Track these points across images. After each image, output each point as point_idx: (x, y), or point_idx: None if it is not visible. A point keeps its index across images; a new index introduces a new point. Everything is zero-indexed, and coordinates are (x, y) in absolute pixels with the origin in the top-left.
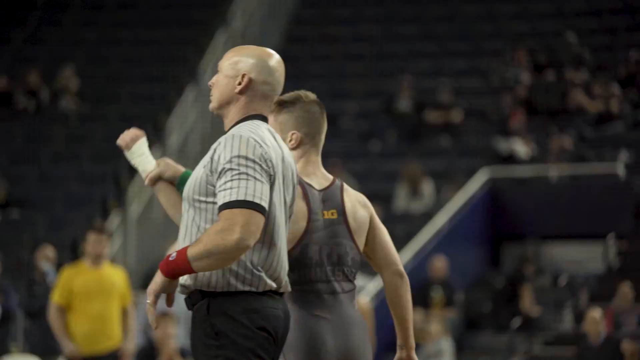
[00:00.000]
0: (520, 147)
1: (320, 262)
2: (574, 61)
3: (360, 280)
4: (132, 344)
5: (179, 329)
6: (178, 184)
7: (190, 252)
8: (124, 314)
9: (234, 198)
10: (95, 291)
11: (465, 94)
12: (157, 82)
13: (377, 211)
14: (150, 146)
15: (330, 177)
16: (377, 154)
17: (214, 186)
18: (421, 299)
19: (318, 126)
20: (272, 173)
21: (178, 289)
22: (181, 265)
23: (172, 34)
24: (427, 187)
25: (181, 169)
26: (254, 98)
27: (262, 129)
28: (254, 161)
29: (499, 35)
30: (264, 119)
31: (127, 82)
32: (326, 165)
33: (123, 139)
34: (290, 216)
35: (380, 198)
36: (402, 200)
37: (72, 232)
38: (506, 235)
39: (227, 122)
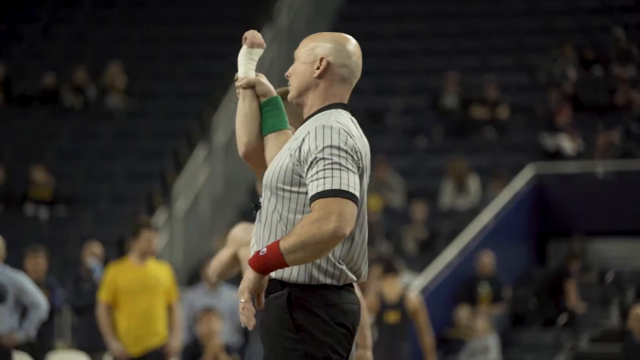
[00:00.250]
0: (567, 143)
1: None
2: (622, 57)
3: (406, 276)
4: (178, 340)
5: (224, 326)
6: (265, 102)
7: (284, 245)
8: (170, 310)
9: (327, 187)
10: (141, 288)
11: (511, 90)
12: (203, 78)
13: (422, 207)
14: (196, 142)
15: None
16: (423, 151)
17: (301, 176)
18: (468, 295)
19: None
20: (360, 165)
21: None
22: (273, 260)
23: (218, 30)
24: (473, 184)
25: (273, 91)
26: (332, 82)
27: (347, 119)
28: (345, 151)
29: (545, 31)
30: (346, 107)
31: (173, 79)
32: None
33: (253, 35)
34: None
35: (426, 194)
36: (448, 196)
37: (119, 228)
38: (552, 232)
39: (307, 110)
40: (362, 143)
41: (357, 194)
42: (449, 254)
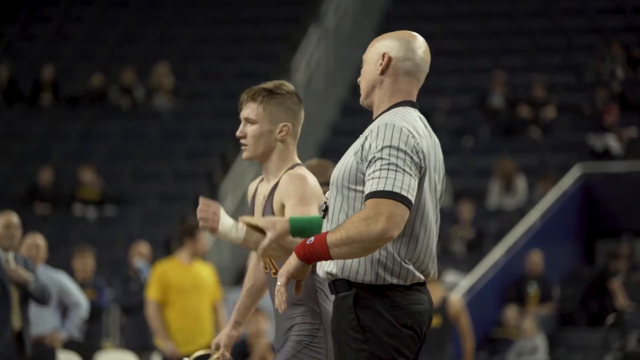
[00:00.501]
0: (614, 143)
1: None
2: None
3: (451, 276)
4: None
5: (271, 326)
6: (293, 232)
7: (330, 238)
8: (214, 310)
9: (381, 188)
10: (190, 287)
11: (558, 90)
12: (250, 79)
13: (470, 207)
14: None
15: None
16: (470, 150)
17: (364, 174)
18: (516, 295)
19: (301, 119)
20: (423, 165)
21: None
22: (319, 250)
23: (265, 30)
24: (521, 183)
25: (261, 222)
26: (397, 77)
27: (414, 117)
28: (405, 152)
29: (593, 30)
30: (413, 104)
31: (220, 79)
32: None
33: (207, 222)
34: (441, 198)
35: (473, 194)
36: (495, 196)
37: (166, 228)
38: (600, 231)
39: (375, 109)
40: (429, 142)
41: (411, 196)
42: (496, 254)
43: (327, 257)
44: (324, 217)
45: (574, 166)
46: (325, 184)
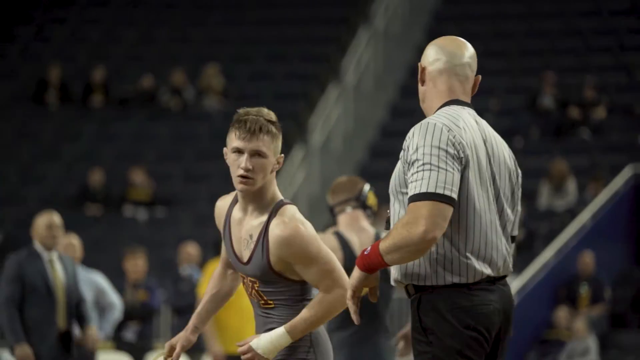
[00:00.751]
0: None
1: None
2: None
3: None
4: None
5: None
6: None
7: (382, 246)
8: None
9: (418, 190)
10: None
11: (609, 90)
12: (300, 80)
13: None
14: (293, 144)
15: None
16: (520, 151)
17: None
18: (568, 296)
19: None
20: (462, 155)
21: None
22: (375, 260)
23: (315, 32)
24: (571, 184)
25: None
26: (434, 80)
27: (458, 112)
28: (438, 148)
29: None
30: (460, 102)
31: (270, 81)
32: None
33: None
34: (513, 192)
35: (523, 195)
36: (545, 197)
37: (216, 229)
38: None
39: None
40: (475, 134)
41: (449, 192)
42: (547, 255)
43: (383, 264)
44: (387, 228)
45: (625, 167)
46: (353, 200)
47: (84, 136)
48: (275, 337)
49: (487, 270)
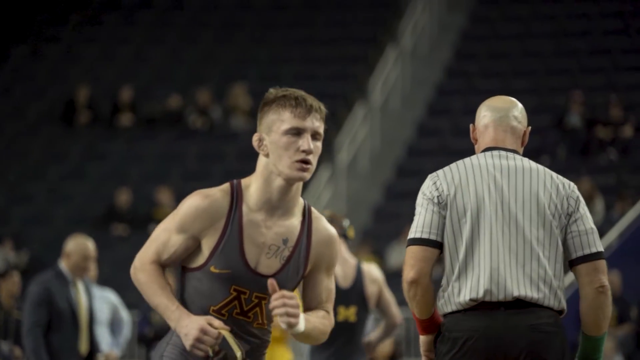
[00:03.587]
0: None
1: None
2: None
3: None
4: None
5: None
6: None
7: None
8: None
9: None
10: None
11: (636, 109)
12: (327, 99)
13: None
14: (320, 163)
15: None
16: None
17: None
18: None
19: None
20: (437, 194)
21: None
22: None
23: (342, 51)
24: (599, 204)
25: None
26: (481, 137)
27: (470, 159)
28: (423, 194)
29: None
30: (490, 148)
31: None
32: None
33: (291, 317)
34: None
35: None
36: None
37: None
38: None
39: None
40: (467, 173)
41: (421, 233)
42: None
43: (416, 318)
44: None
45: None
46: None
47: (111, 156)
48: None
49: (469, 296)
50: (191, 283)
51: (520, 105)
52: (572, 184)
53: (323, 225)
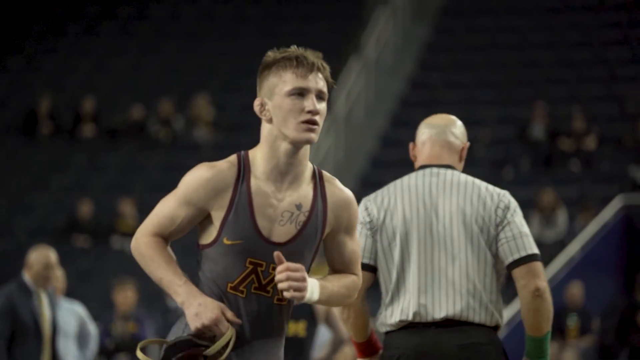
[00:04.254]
0: None
1: None
2: None
3: None
4: None
5: None
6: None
7: None
8: None
9: None
10: None
11: (600, 120)
12: None
13: None
14: None
15: None
16: (510, 182)
17: None
18: (556, 328)
19: None
20: (369, 220)
21: None
22: None
23: None
24: (561, 215)
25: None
26: (418, 153)
27: (400, 180)
28: (357, 219)
29: (635, 61)
30: (423, 166)
31: None
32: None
33: (298, 291)
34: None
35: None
36: (535, 228)
37: None
38: None
39: None
40: (397, 195)
41: (364, 259)
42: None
43: (352, 340)
44: None
45: (615, 198)
46: None
47: (73, 167)
48: (313, 281)
49: (399, 317)
50: (207, 266)
51: (459, 122)
52: (502, 192)
53: (338, 187)
